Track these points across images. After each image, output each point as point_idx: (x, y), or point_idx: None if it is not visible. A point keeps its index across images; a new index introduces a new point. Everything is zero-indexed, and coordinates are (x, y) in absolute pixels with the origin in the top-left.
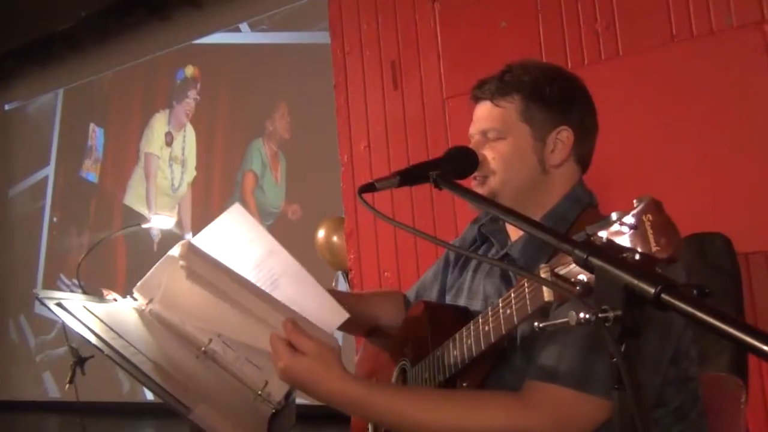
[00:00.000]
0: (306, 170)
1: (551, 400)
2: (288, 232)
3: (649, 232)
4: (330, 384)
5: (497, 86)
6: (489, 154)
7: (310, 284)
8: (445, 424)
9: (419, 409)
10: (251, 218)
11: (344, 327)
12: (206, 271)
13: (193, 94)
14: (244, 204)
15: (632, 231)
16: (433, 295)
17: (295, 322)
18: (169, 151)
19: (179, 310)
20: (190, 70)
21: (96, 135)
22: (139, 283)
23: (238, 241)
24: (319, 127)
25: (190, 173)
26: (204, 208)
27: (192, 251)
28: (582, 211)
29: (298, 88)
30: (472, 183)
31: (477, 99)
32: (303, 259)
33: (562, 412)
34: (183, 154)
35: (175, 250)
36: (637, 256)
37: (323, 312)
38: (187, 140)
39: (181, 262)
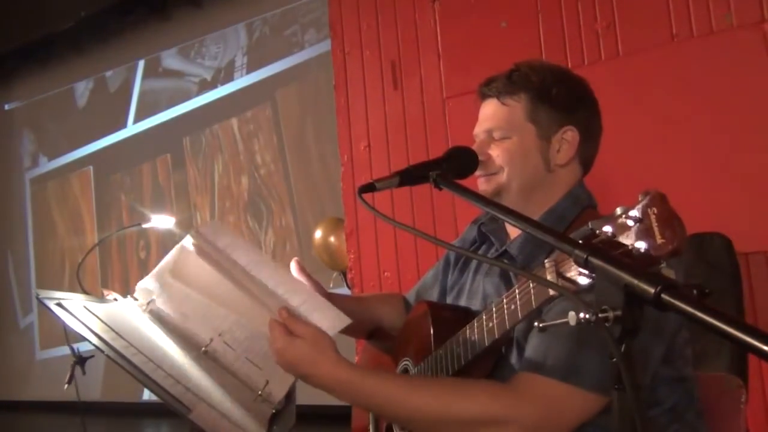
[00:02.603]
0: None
1: (539, 391)
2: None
3: (654, 224)
4: (323, 367)
5: (505, 84)
6: (494, 153)
7: (307, 293)
8: (434, 409)
9: (409, 394)
10: (233, 233)
11: (345, 330)
12: (214, 252)
13: None
14: None
15: (637, 224)
16: (433, 297)
17: (290, 309)
18: None
19: (190, 283)
20: None
21: None
22: (152, 273)
23: (225, 255)
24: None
25: None
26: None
27: (203, 235)
28: (581, 212)
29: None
30: (478, 181)
31: (484, 96)
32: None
33: (550, 403)
34: None
35: (186, 240)
36: (642, 250)
37: (324, 318)
38: None
39: (193, 241)
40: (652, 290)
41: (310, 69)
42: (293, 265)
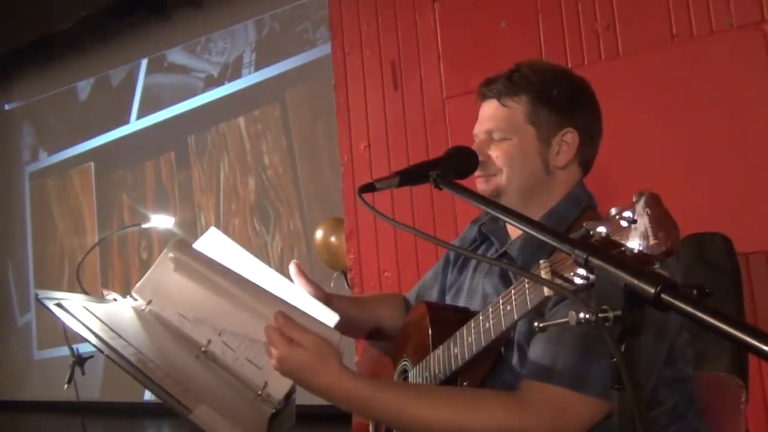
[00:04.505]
0: None
1: (547, 399)
2: None
3: (648, 225)
4: (326, 378)
5: (505, 85)
6: (494, 154)
7: (297, 293)
8: (442, 421)
9: (416, 406)
10: (228, 239)
11: (345, 330)
12: (196, 263)
13: None
14: None
15: (631, 225)
16: (433, 296)
17: (286, 314)
18: None
19: (173, 302)
20: None
21: None
22: (137, 285)
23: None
24: None
25: None
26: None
27: (182, 244)
28: (582, 213)
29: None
30: (477, 181)
31: (484, 97)
32: None
33: (558, 411)
34: None
35: (165, 254)
36: (636, 251)
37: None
38: None
39: (170, 254)
40: (652, 290)
41: (321, 68)
42: (292, 268)
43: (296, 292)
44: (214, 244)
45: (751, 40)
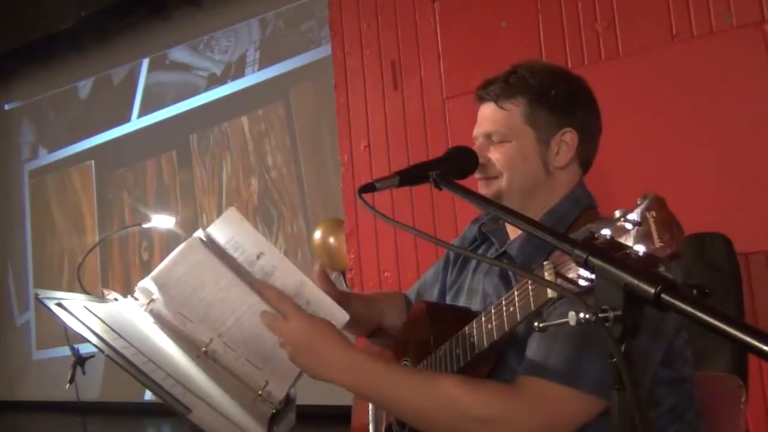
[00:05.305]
0: None
1: (540, 394)
2: None
3: (653, 228)
4: (332, 349)
5: (502, 88)
6: (493, 157)
7: (309, 286)
8: (438, 405)
9: (414, 387)
10: (246, 222)
11: (346, 328)
12: (222, 246)
13: None
14: None
15: (636, 227)
16: (433, 295)
17: (279, 290)
18: None
19: (196, 279)
20: None
21: None
22: (140, 282)
23: (234, 244)
24: None
25: None
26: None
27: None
28: (581, 213)
29: None
30: (478, 184)
31: (481, 100)
32: None
33: (551, 406)
34: None
35: (194, 237)
36: (641, 253)
37: (323, 314)
38: None
39: (199, 236)
40: (652, 290)
41: (326, 67)
42: (317, 268)
43: (307, 284)
44: (232, 224)
45: (751, 40)
